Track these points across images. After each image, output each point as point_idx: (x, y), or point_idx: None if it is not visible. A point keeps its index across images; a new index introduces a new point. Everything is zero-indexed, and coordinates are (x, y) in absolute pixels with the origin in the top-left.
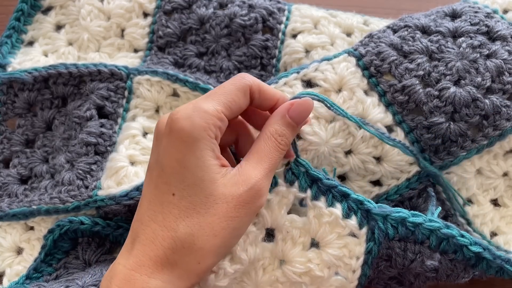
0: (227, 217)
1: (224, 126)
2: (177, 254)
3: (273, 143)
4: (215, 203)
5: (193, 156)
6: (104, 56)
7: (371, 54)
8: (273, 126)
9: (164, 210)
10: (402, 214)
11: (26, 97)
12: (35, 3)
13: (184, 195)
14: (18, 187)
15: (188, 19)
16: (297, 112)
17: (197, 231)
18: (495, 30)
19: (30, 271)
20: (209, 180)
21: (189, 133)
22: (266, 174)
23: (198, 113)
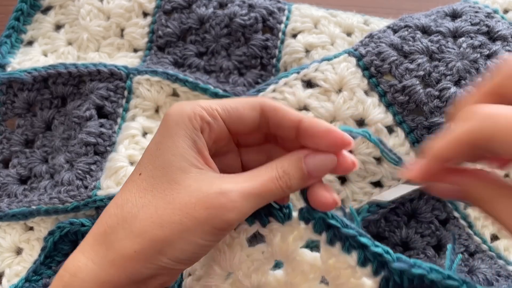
0: (182, 212)
1: (215, 124)
2: (115, 234)
3: (272, 174)
4: (177, 192)
5: (169, 139)
6: (104, 56)
7: (372, 54)
8: (282, 161)
9: (124, 188)
10: (420, 271)
11: (26, 97)
12: (34, 3)
13: (149, 176)
14: (18, 187)
15: (188, 18)
16: (314, 163)
17: (142, 213)
18: (495, 30)
19: (29, 273)
20: (179, 167)
21: (173, 117)
22: (248, 194)
23: (191, 104)
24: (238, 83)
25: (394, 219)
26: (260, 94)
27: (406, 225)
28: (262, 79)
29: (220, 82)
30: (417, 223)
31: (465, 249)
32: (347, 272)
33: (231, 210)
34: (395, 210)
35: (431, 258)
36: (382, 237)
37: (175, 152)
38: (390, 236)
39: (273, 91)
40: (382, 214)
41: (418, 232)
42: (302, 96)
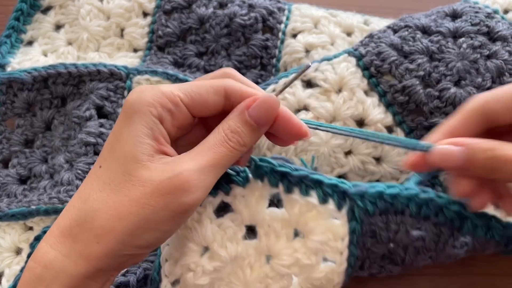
0: (139, 203)
1: (178, 111)
2: (79, 227)
3: (221, 138)
4: (131, 183)
5: (126, 129)
6: (104, 55)
7: (372, 54)
8: (227, 122)
9: (87, 181)
10: (378, 188)
11: (26, 97)
12: (34, 3)
13: (108, 168)
14: (17, 187)
15: (188, 18)
16: (257, 110)
17: (102, 207)
18: (495, 30)
19: (16, 281)
20: (133, 157)
21: (131, 104)
22: (203, 167)
23: (151, 89)
24: None
25: None
26: None
27: None
28: (262, 79)
29: None
30: None
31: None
32: (312, 214)
33: (187, 190)
34: None
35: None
36: None
37: (130, 143)
38: None
39: (273, 91)
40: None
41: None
42: (302, 96)
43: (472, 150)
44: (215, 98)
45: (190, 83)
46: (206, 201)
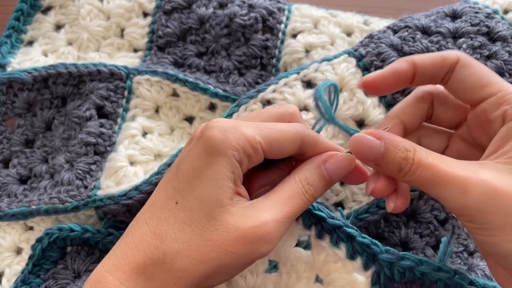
0: (221, 249)
1: (256, 157)
2: (156, 267)
3: (300, 189)
4: (214, 228)
5: (210, 170)
6: (104, 56)
7: (372, 54)
8: (304, 173)
9: (161, 216)
10: (409, 263)
11: (26, 97)
12: (34, 3)
13: (187, 207)
14: (18, 187)
15: (188, 18)
16: (334, 167)
17: (183, 250)
18: (495, 30)
19: (18, 283)
20: (217, 201)
21: (215, 144)
22: (282, 219)
23: (234, 130)
24: (238, 83)
25: (393, 219)
26: (260, 94)
27: (405, 225)
28: (262, 79)
29: (220, 82)
30: (416, 223)
31: (464, 248)
32: (337, 266)
33: (268, 241)
34: None
35: (430, 258)
36: (382, 237)
37: (214, 185)
38: (389, 236)
39: (273, 91)
40: (381, 215)
41: (417, 232)
42: (302, 96)
43: (390, 146)
44: (291, 147)
45: (270, 127)
46: None
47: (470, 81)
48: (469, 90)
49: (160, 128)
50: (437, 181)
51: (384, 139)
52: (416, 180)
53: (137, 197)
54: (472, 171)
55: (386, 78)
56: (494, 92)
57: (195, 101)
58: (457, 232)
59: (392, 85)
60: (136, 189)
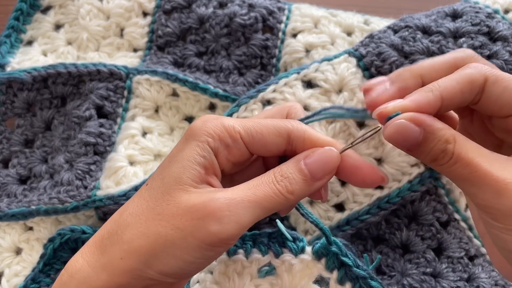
0: (168, 223)
1: (235, 147)
2: (109, 239)
3: (270, 179)
4: (166, 202)
5: (180, 152)
6: (104, 55)
7: (372, 54)
8: (281, 166)
9: (132, 197)
10: None
11: (25, 97)
12: (34, 3)
13: (152, 187)
14: (17, 187)
15: (187, 18)
16: (314, 162)
17: (134, 222)
18: (496, 30)
19: (27, 281)
20: (176, 179)
21: (192, 131)
22: (241, 201)
23: (215, 120)
24: (238, 83)
25: (395, 221)
26: (260, 94)
27: (406, 227)
28: (262, 79)
29: (220, 82)
30: (417, 225)
31: (465, 253)
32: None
33: (218, 219)
34: (396, 212)
35: (430, 262)
36: (383, 239)
37: (179, 165)
38: (390, 238)
39: (273, 91)
40: (382, 216)
41: (418, 234)
42: (302, 96)
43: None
44: (277, 140)
45: (254, 120)
46: (254, 257)
47: (506, 98)
48: (506, 106)
49: (160, 128)
50: (473, 180)
51: (424, 126)
52: (450, 173)
53: None
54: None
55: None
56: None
57: (195, 101)
58: (459, 236)
59: None
60: (135, 189)
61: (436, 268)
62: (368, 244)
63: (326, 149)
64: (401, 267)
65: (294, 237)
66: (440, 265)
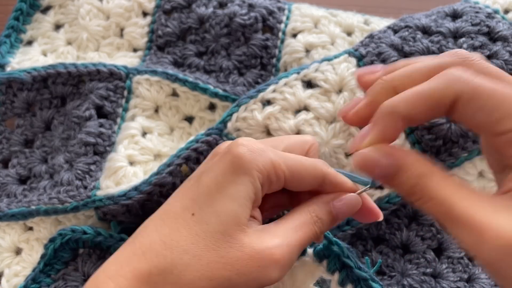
0: (233, 268)
1: (277, 185)
2: (162, 277)
3: (310, 219)
4: (229, 245)
5: (234, 187)
6: (103, 55)
7: (372, 54)
8: (313, 206)
9: (174, 226)
10: None
11: (25, 97)
12: (34, 3)
13: (203, 220)
14: (17, 187)
15: (187, 18)
16: (342, 206)
17: (194, 263)
18: (496, 30)
19: (28, 281)
20: (235, 219)
21: (243, 163)
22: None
23: (263, 153)
24: (238, 83)
25: (395, 221)
26: (260, 94)
27: (406, 227)
28: (262, 79)
29: (220, 82)
30: (418, 225)
31: (465, 253)
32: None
33: (280, 267)
34: (396, 212)
35: (430, 262)
36: (383, 239)
37: (235, 203)
38: (390, 238)
39: (273, 91)
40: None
41: (418, 235)
42: (302, 96)
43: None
44: (312, 182)
45: (295, 159)
46: None
47: (481, 117)
48: (483, 126)
49: (159, 128)
50: (451, 219)
51: (396, 157)
52: (427, 211)
53: (136, 197)
54: (491, 213)
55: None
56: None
57: (194, 101)
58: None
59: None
60: (135, 189)
61: (436, 268)
62: (368, 244)
63: (352, 196)
64: (401, 268)
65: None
66: (440, 265)
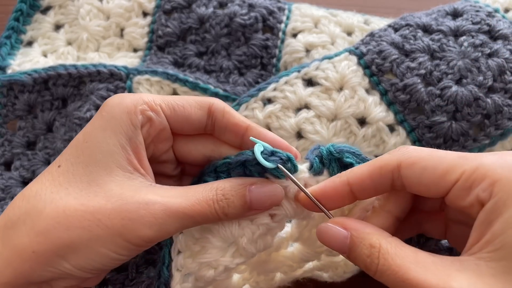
0: (94, 217)
1: (158, 122)
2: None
3: (211, 195)
4: (94, 194)
5: (100, 133)
6: (104, 55)
7: (373, 52)
8: (225, 183)
9: (39, 179)
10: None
11: (26, 99)
12: (34, 3)
13: (68, 171)
14: (21, 190)
15: (187, 18)
16: (259, 194)
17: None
18: (496, 29)
19: None
20: (105, 167)
21: (111, 108)
22: (175, 211)
23: (133, 96)
24: (238, 83)
25: None
26: (261, 92)
27: None
28: (262, 79)
29: (220, 81)
30: None
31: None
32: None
33: (149, 225)
34: None
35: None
36: None
37: (103, 149)
38: None
39: (274, 89)
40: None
41: None
42: (303, 94)
43: (356, 239)
44: (198, 113)
45: (174, 96)
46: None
47: (427, 177)
48: (431, 186)
49: None
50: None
51: (350, 229)
52: (385, 282)
53: None
54: (446, 276)
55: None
56: (457, 177)
57: None
58: None
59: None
60: None
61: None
62: None
63: (277, 187)
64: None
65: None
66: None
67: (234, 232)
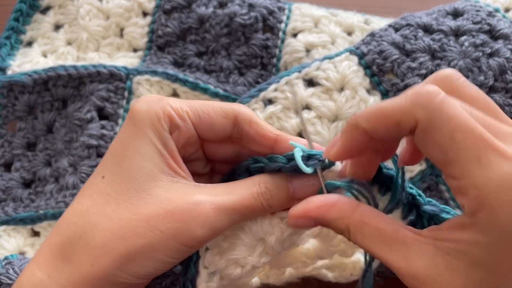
0: (148, 224)
1: (185, 128)
2: (73, 246)
3: (255, 189)
4: (144, 201)
5: (137, 141)
6: (104, 56)
7: (373, 52)
8: (266, 177)
9: (85, 193)
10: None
11: (27, 99)
12: (33, 3)
13: (114, 181)
14: (22, 191)
15: (187, 18)
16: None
17: (103, 223)
18: (497, 28)
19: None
20: (149, 174)
21: (140, 115)
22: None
23: (159, 101)
24: (239, 83)
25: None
26: (261, 93)
27: None
28: (262, 79)
29: (221, 82)
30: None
31: None
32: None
33: (202, 225)
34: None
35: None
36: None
37: (144, 156)
38: None
39: (274, 90)
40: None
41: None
42: (303, 95)
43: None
44: (223, 122)
45: (200, 102)
46: None
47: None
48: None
49: None
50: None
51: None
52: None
53: None
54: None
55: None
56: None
57: None
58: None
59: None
60: None
61: None
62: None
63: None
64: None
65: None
66: None
67: (264, 229)
